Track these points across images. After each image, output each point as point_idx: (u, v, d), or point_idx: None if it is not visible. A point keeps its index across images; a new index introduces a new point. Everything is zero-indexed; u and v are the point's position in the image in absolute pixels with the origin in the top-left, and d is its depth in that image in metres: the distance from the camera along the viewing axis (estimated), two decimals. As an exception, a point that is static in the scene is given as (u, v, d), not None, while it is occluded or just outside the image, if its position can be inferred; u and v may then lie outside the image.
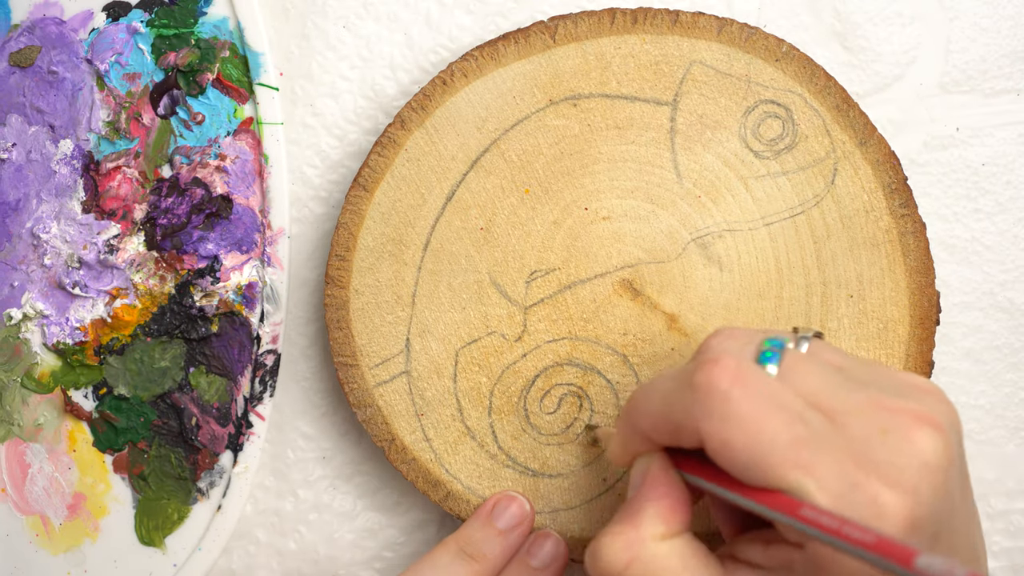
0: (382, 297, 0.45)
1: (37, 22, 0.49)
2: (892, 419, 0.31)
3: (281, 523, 0.49)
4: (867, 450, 0.31)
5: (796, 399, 0.32)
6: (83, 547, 0.49)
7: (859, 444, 0.31)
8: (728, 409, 0.31)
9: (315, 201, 0.48)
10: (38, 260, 0.49)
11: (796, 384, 0.33)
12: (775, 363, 0.33)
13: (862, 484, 0.30)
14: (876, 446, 0.31)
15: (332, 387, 0.48)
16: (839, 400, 0.32)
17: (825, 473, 0.31)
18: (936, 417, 0.32)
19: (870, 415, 0.32)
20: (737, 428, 0.31)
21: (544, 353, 0.45)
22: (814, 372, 0.33)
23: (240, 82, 0.48)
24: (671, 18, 0.44)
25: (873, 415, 0.32)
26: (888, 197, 0.44)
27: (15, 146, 0.49)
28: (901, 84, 0.47)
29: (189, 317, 0.48)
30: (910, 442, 0.31)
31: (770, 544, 0.33)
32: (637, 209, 0.44)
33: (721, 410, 0.32)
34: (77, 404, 0.49)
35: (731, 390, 0.32)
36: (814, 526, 0.30)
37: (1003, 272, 0.48)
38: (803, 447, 0.31)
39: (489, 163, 0.45)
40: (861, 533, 0.29)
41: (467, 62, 0.44)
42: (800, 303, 0.44)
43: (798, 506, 0.30)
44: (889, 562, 0.28)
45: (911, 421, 0.31)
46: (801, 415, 0.32)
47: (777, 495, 0.31)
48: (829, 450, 0.31)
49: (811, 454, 0.31)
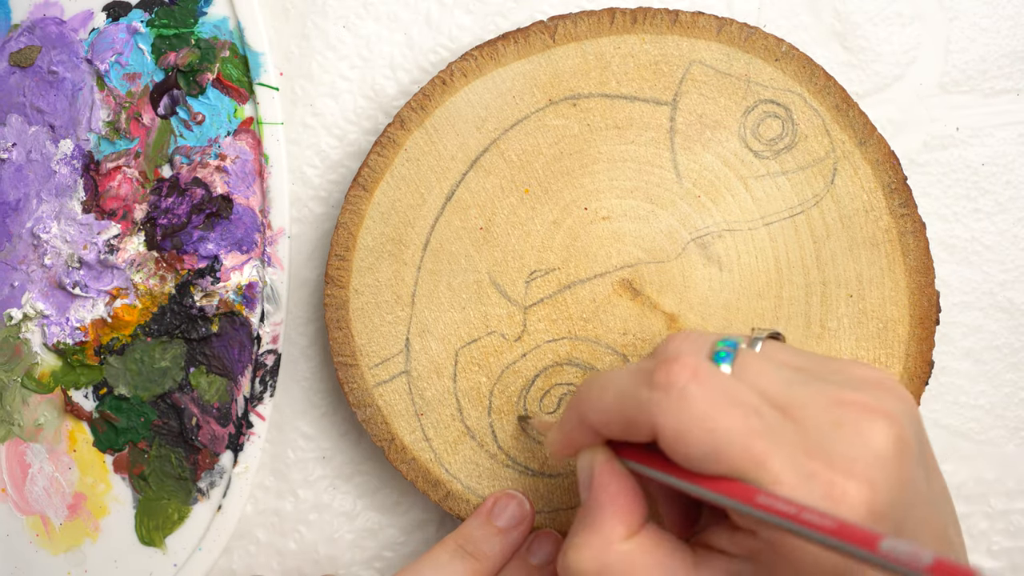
0: (382, 297, 0.45)
1: (37, 22, 0.49)
2: (844, 412, 0.32)
3: (281, 523, 0.49)
4: (821, 442, 0.31)
5: (751, 394, 0.33)
6: (83, 547, 0.49)
7: (813, 437, 0.32)
8: (685, 404, 0.32)
9: (315, 201, 0.48)
10: (38, 260, 0.49)
11: (750, 381, 0.34)
12: (728, 362, 0.34)
13: (819, 474, 0.31)
14: (829, 438, 0.31)
15: (332, 387, 0.48)
16: (792, 395, 0.33)
17: (781, 464, 0.31)
18: (887, 408, 0.32)
19: (823, 409, 0.32)
20: (694, 422, 0.32)
21: (544, 353, 0.45)
22: (767, 370, 0.34)
23: (240, 82, 0.48)
24: (671, 18, 0.44)
25: (825, 409, 0.32)
26: (888, 197, 0.44)
27: (15, 146, 0.49)
28: (901, 84, 0.47)
29: (189, 317, 0.48)
30: (862, 434, 0.31)
31: (736, 531, 0.34)
32: (637, 209, 0.44)
33: (678, 406, 0.32)
34: (77, 404, 0.49)
35: (688, 386, 0.32)
36: (771, 512, 0.30)
37: (1003, 272, 0.48)
38: (758, 438, 0.31)
39: (489, 163, 0.45)
40: (820, 518, 0.29)
41: (467, 62, 0.44)
42: (800, 303, 0.44)
43: (754, 493, 0.31)
44: (852, 546, 0.28)
45: (862, 413, 0.32)
46: (756, 409, 0.32)
47: (731, 483, 0.31)
48: (784, 442, 0.31)
49: (766, 445, 0.31)
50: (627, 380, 0.35)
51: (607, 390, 0.35)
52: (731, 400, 0.32)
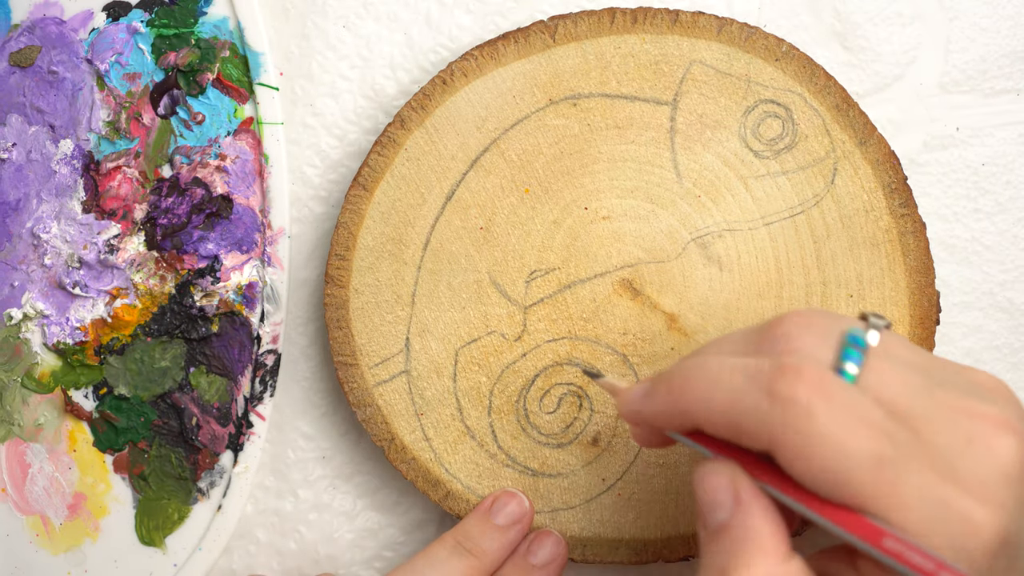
0: (382, 296, 0.45)
1: (37, 22, 0.49)
2: (974, 426, 0.30)
3: (281, 523, 0.49)
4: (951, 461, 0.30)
5: (878, 410, 0.30)
6: (83, 547, 0.49)
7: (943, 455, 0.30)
8: (810, 425, 0.30)
9: (315, 201, 0.48)
10: (38, 260, 0.49)
11: (877, 390, 0.31)
12: (857, 363, 0.32)
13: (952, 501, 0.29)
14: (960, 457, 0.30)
15: (332, 387, 0.48)
16: (919, 405, 0.31)
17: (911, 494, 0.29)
18: (1014, 422, 0.30)
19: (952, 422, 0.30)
20: (818, 445, 0.30)
21: (544, 353, 0.45)
22: (893, 374, 0.32)
23: (240, 82, 0.48)
24: (671, 18, 0.44)
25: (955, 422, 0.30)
26: (888, 197, 0.44)
27: (15, 146, 0.49)
28: (901, 84, 0.47)
29: (189, 317, 0.48)
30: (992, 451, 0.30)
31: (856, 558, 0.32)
32: (637, 209, 0.44)
33: (802, 425, 0.30)
34: (77, 404, 0.49)
35: (813, 404, 0.30)
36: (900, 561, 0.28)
37: (1003, 272, 0.48)
38: (887, 467, 0.29)
39: (489, 163, 0.45)
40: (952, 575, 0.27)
41: (467, 62, 0.44)
42: (800, 303, 0.44)
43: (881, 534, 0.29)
44: None
45: (992, 428, 0.30)
46: (884, 429, 0.30)
47: (859, 518, 0.30)
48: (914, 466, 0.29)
49: (896, 474, 0.29)
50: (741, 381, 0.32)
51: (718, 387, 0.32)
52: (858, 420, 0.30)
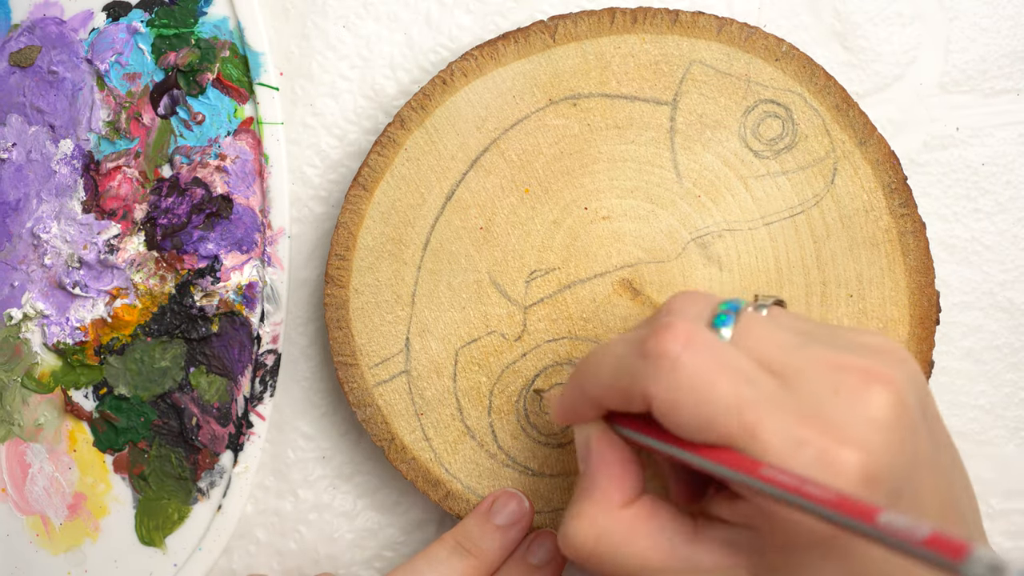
0: (382, 296, 0.45)
1: (37, 22, 0.49)
2: (843, 378, 0.31)
3: (281, 523, 0.49)
4: (816, 409, 0.31)
5: (746, 361, 0.32)
6: (83, 547, 0.49)
7: (808, 403, 0.31)
8: (676, 374, 0.31)
9: (315, 201, 0.48)
10: (38, 260, 0.49)
11: (749, 346, 0.33)
12: (729, 326, 0.33)
13: (810, 441, 0.30)
14: (826, 405, 0.31)
15: (332, 387, 0.48)
16: (790, 360, 0.32)
17: (771, 432, 0.31)
18: (888, 373, 0.31)
19: (822, 374, 0.32)
20: (684, 392, 0.31)
21: (544, 353, 0.45)
22: (768, 334, 0.33)
23: (240, 82, 0.48)
24: (671, 18, 0.44)
25: (824, 374, 0.32)
26: (888, 197, 0.44)
27: (15, 146, 0.49)
28: (901, 84, 0.47)
29: (189, 317, 0.48)
30: (860, 399, 0.31)
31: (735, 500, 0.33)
32: (637, 209, 0.44)
33: (669, 375, 0.32)
34: (77, 404, 0.49)
35: (680, 355, 0.32)
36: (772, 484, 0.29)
37: (1003, 272, 0.48)
38: (748, 407, 0.31)
39: (489, 163, 0.45)
40: (821, 491, 0.29)
41: (467, 62, 0.44)
42: (800, 302, 0.44)
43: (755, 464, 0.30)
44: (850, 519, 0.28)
45: (861, 378, 0.31)
46: (749, 376, 0.32)
47: (730, 453, 0.31)
48: (776, 410, 0.31)
49: (756, 414, 0.31)
50: (623, 349, 0.34)
51: (605, 360, 0.35)
52: (724, 368, 0.31)
